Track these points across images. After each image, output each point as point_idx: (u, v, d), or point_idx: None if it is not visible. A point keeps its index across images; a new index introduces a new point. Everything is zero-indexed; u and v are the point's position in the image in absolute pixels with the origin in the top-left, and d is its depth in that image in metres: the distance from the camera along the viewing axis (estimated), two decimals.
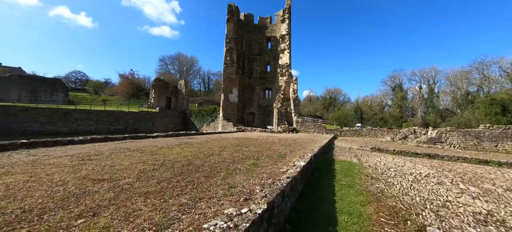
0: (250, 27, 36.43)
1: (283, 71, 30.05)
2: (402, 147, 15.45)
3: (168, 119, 36.98)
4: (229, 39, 30.46)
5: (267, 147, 9.28)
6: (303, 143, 12.05)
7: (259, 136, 16.56)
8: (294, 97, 27.78)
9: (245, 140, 12.88)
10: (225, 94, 29.98)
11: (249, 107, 35.12)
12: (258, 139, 13.94)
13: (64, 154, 6.13)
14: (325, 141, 13.68)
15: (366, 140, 20.54)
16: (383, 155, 11.27)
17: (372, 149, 13.17)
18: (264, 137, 15.72)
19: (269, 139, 13.81)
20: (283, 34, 30.78)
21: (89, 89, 73.69)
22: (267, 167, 5.30)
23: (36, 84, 47.41)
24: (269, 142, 11.71)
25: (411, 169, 7.99)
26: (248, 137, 15.03)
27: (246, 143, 10.96)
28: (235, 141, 11.57)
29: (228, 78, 30.26)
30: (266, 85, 35.08)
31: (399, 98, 70.65)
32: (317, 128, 25.25)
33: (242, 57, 34.60)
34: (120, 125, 29.06)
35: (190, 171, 4.65)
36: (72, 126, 23.90)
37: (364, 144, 15.98)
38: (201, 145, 9.13)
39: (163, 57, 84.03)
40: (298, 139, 15.39)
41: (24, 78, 48.33)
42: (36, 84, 47.41)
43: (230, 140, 12.48)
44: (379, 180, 6.47)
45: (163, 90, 41.46)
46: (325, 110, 79.24)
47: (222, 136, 15.93)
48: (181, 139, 11.74)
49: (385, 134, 22.80)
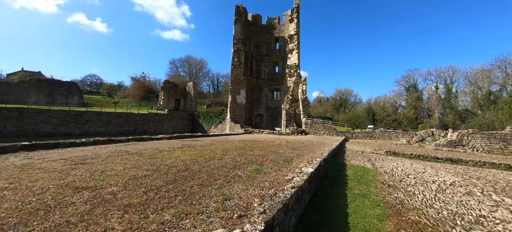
0: (258, 27, 36.08)
1: (292, 71, 29.40)
2: (419, 150, 14.42)
3: (176, 121, 37.23)
4: (237, 40, 30.22)
5: (273, 151, 8.75)
6: (312, 146, 11.41)
7: (266, 139, 16.04)
8: (303, 98, 27.04)
9: (251, 142, 12.40)
10: (232, 95, 29.70)
11: (257, 108, 34.66)
12: (264, 141, 13.42)
13: (60, 157, 5.91)
14: (335, 144, 12.95)
15: (379, 142, 19.49)
16: (400, 160, 10.42)
17: (387, 152, 12.31)
18: (271, 140, 15.18)
19: (276, 142, 13.25)
20: (292, 34, 30.16)
21: (103, 92, 76.22)
22: (270, 174, 4.79)
23: (53, 87, 49.37)
24: (276, 145, 11.17)
25: (433, 176, 7.19)
26: (254, 140, 14.55)
27: (252, 146, 10.48)
28: (240, 144, 11.12)
29: (236, 79, 29.98)
30: (274, 86, 34.53)
31: (413, 99, 67.82)
32: (327, 130, 24.37)
33: (250, 58, 34.27)
34: (129, 127, 29.46)
35: (184, 178, 4.23)
36: (84, 128, 24.40)
37: (378, 147, 15.06)
38: (204, 148, 8.74)
39: (173, 60, 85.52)
40: (306, 141, 14.72)
41: (42, 82, 50.43)
42: (53, 87, 49.37)
43: (235, 142, 12.04)
44: (398, 189, 5.79)
45: (172, 92, 41.92)
46: (336, 111, 77.43)
47: (228, 138, 15.54)
48: (185, 142, 11.44)
49: (400, 136, 21.60)
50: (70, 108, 24.94)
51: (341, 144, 15.31)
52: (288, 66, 29.94)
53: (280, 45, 34.56)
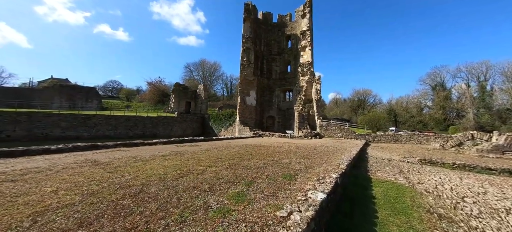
0: (268, 26, 34.51)
1: (305, 70, 27.36)
2: (460, 157, 11.84)
3: (186, 124, 36.59)
4: (246, 39, 28.87)
5: (276, 160, 7.05)
6: (326, 153, 9.51)
7: (274, 143, 14.30)
8: (317, 98, 24.90)
9: (255, 148, 10.76)
10: (241, 96, 28.29)
11: (268, 110, 32.94)
12: (270, 147, 11.71)
13: (8, 169, 4.71)
14: (355, 150, 10.90)
15: (407, 147, 16.88)
16: (442, 171, 8.19)
17: (421, 161, 10.03)
18: (279, 144, 13.42)
19: (284, 147, 11.49)
20: (304, 30, 28.17)
21: (122, 97, 79.48)
22: (256, 204, 3.13)
23: (74, 92, 51.99)
24: (283, 152, 9.42)
25: (501, 200, 5.06)
26: (260, 144, 12.88)
27: (252, 153, 8.84)
28: (241, 150, 9.53)
29: (245, 79, 28.57)
30: (286, 87, 32.62)
31: (441, 98, 62.14)
32: (345, 132, 22.01)
33: (260, 58, 32.74)
34: (138, 130, 29.14)
35: (121, 210, 2.72)
36: (92, 131, 24.28)
37: (408, 154, 12.67)
38: (193, 156, 7.27)
39: (188, 64, 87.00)
40: (320, 147, 12.76)
41: (63, 87, 53.16)
42: (74, 92, 51.99)
43: (237, 148, 10.47)
44: (456, 224, 3.83)
45: (182, 95, 41.55)
46: (353, 113, 73.43)
47: (232, 142, 14.02)
48: (180, 147, 10.09)
49: (431, 140, 18.73)
50: (79, 112, 25.05)
51: (362, 149, 13.14)
52: (301, 64, 27.94)
53: (292, 43, 32.65)
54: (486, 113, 40.98)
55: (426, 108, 68.08)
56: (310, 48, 27.44)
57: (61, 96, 48.71)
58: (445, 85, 66.39)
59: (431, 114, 62.40)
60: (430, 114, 62.71)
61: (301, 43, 28.66)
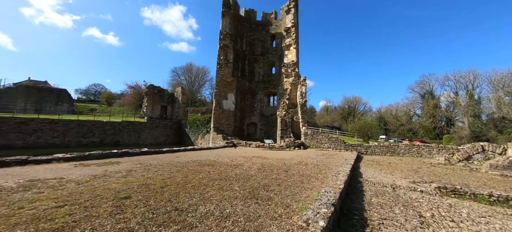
0: (252, 24, 31.47)
1: (289, 70, 24.22)
2: (483, 180, 8.69)
3: (159, 131, 32.43)
4: (224, 35, 25.55)
5: (208, 197, 3.48)
6: (303, 177, 6.09)
7: (240, 157, 10.76)
8: (302, 103, 21.70)
9: (202, 167, 7.23)
10: (217, 100, 24.68)
11: (250, 116, 29.45)
12: (230, 163, 8.20)
13: None
14: (344, 170, 7.53)
15: (407, 161, 13.75)
16: (482, 211, 4.88)
17: (440, 190, 6.73)
18: (246, 158, 9.91)
19: (244, 166, 7.98)
20: (288, 26, 25.23)
21: (102, 100, 74.38)
22: None
23: (43, 94, 47.76)
24: (239, 175, 5.94)
25: None
26: (216, 160, 9.28)
27: (188, 177, 5.26)
28: (177, 169, 5.94)
29: (222, 81, 25.05)
30: (270, 90, 29.34)
31: (431, 107, 61.24)
32: (333, 142, 18.78)
33: (242, 58, 29.46)
34: (95, 138, 24.77)
35: None
36: (29, 139, 19.81)
37: (414, 173, 9.43)
38: (76, 190, 3.60)
39: (175, 68, 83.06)
40: (299, 163, 9.33)
41: (30, 88, 48.47)
42: (43, 94, 47.76)
43: (168, 168, 6.86)
44: None
45: (157, 98, 37.43)
46: (344, 120, 71.39)
47: (181, 157, 10.38)
48: (71, 171, 6.37)
49: (434, 152, 15.75)
50: (13, 115, 20.59)
51: (354, 168, 9.79)
52: (285, 64, 24.79)
53: (277, 43, 29.66)
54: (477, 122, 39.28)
55: (415, 116, 67.14)
56: (295, 46, 24.44)
57: (27, 99, 44.16)
58: (434, 93, 65.91)
59: (420, 123, 61.26)
60: (420, 123, 61.60)
61: (285, 41, 25.63)
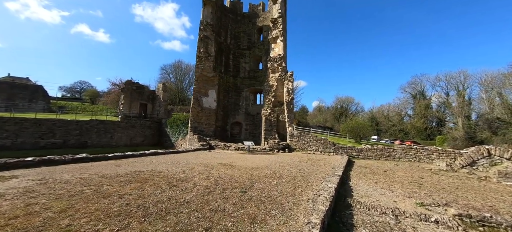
0: (237, 16, 29.14)
1: (275, 65, 22.04)
2: (496, 192, 6.72)
3: (135, 131, 29.63)
4: (204, 25, 23.10)
5: None
6: (258, 208, 3.84)
7: (205, 164, 8.48)
8: (288, 100, 19.57)
9: (133, 184, 4.87)
10: (196, 97, 22.19)
11: (234, 115, 27.13)
12: (180, 176, 5.90)
13: None
14: (329, 189, 5.36)
15: (405, 167, 11.82)
16: None
17: (461, 219, 4.66)
18: (208, 167, 7.63)
19: (198, 178, 5.69)
20: (275, 17, 23.04)
21: (85, 98, 70.88)
22: None
23: (15, 91, 44.10)
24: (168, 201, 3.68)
25: None
26: (165, 172, 6.94)
27: (80, 208, 2.86)
28: (80, 195, 3.55)
29: (202, 76, 22.60)
30: (256, 87, 27.11)
31: (422, 107, 60.77)
32: (322, 145, 16.72)
33: (226, 52, 27.09)
34: (57, 138, 21.84)
35: None
36: None
37: (417, 187, 7.40)
38: None
39: (165, 66, 79.80)
40: (272, 175, 7.12)
41: (1, 84, 44.75)
42: (15, 91, 44.10)
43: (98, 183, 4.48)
44: None
45: (136, 95, 34.43)
46: (336, 120, 70.13)
47: (137, 163, 7.98)
48: None
49: (433, 156, 13.91)
50: None
51: (343, 178, 7.68)
52: (271, 58, 22.61)
53: (265, 36, 27.45)
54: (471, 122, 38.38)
55: (406, 116, 66.70)
56: (282, 39, 22.30)
57: None
58: (425, 93, 65.52)
59: (412, 123, 60.74)
60: (411, 123, 61.07)
61: (272, 33, 23.43)
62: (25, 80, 68.41)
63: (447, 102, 58.18)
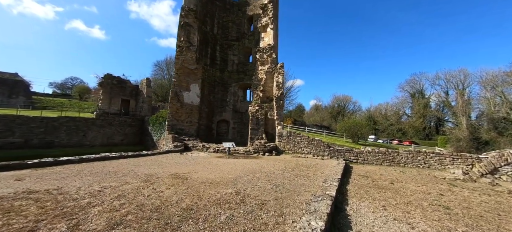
0: (226, 4, 26.59)
1: (264, 56, 19.64)
2: None
3: (113, 129, 27.04)
4: (186, 11, 20.52)
5: None
6: None
7: (155, 173, 6.04)
8: (278, 95, 17.21)
9: None
10: (175, 91, 19.67)
11: (221, 112, 24.69)
12: (93, 192, 3.37)
13: None
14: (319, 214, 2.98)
15: (414, 177, 9.57)
16: None
17: None
18: (148, 182, 5.16)
19: (110, 204, 3.23)
20: (265, 2, 20.61)
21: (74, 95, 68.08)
22: None
23: None
24: None
25: None
26: (67, 189, 4.46)
27: None
28: None
29: (183, 68, 20.08)
30: (246, 82, 24.68)
31: (421, 106, 58.91)
32: (314, 146, 14.41)
33: (212, 42, 24.58)
34: (16, 137, 19.22)
35: None
36: None
37: (444, 213, 5.08)
38: None
39: (158, 62, 76.81)
40: (238, 193, 4.74)
41: None
42: None
43: None
44: None
45: (117, 91, 31.75)
46: (333, 119, 68.04)
47: (56, 173, 5.45)
48: None
49: (446, 162, 11.67)
50: None
51: (338, 200, 5.34)
52: (260, 49, 20.20)
53: (255, 26, 25.01)
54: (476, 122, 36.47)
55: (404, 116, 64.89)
56: (272, 26, 19.91)
57: None
58: (424, 92, 63.70)
59: (410, 122, 58.93)
60: (410, 122, 59.25)
61: (261, 21, 21.01)
62: (13, 75, 65.20)
63: (446, 101, 56.49)
